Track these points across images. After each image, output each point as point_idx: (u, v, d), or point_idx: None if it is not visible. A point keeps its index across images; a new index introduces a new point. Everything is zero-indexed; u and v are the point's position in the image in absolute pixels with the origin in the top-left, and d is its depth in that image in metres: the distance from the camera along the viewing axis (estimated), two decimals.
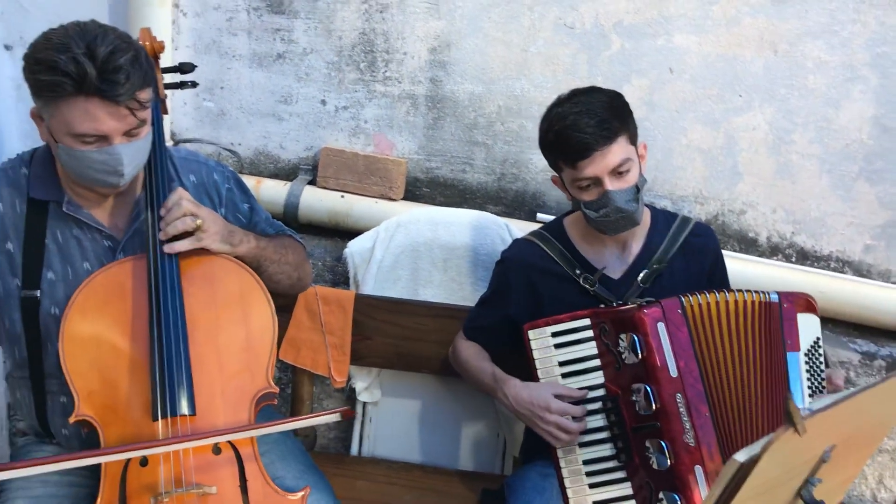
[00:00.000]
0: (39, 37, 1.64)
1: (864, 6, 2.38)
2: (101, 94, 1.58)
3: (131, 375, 1.68)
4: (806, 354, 1.90)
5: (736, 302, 1.87)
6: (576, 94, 1.95)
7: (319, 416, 1.70)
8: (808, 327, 1.92)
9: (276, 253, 1.94)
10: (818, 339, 1.93)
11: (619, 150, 1.88)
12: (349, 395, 2.71)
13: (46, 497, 1.76)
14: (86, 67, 1.56)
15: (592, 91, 1.95)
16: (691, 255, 2.06)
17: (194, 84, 2.00)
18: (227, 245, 1.80)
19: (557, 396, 1.88)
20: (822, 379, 1.91)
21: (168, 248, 1.74)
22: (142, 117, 1.66)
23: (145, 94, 1.66)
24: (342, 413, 1.67)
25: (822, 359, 1.92)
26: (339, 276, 2.67)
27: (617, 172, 1.89)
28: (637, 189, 1.92)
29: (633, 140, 1.94)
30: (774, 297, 1.90)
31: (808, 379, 1.89)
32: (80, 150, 1.65)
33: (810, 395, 1.85)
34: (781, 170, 2.53)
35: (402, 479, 2.43)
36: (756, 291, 1.89)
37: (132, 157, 1.69)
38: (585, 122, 1.86)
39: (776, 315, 1.89)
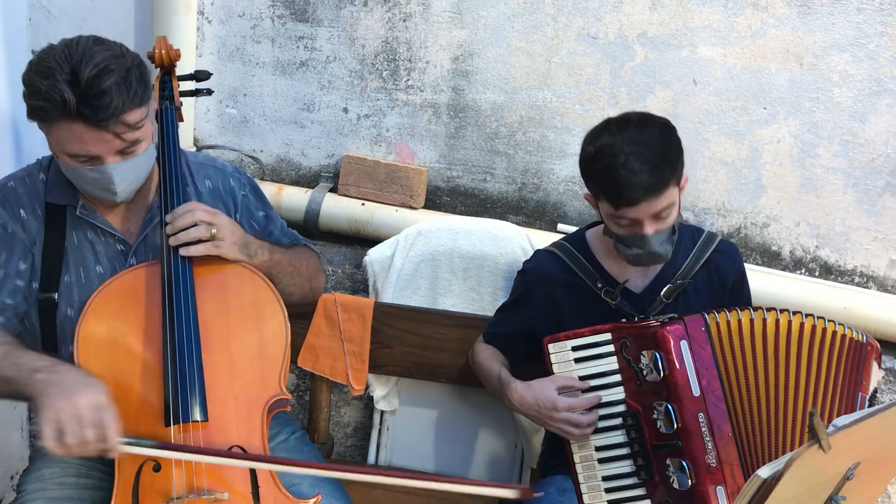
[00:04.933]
0: (34, 56, 1.66)
1: (891, 19, 2.35)
2: (84, 119, 1.59)
3: (144, 381, 1.69)
4: (868, 400, 1.90)
5: (777, 322, 1.83)
6: (629, 122, 1.84)
7: (493, 485, 1.70)
8: (874, 376, 1.93)
9: (291, 265, 1.95)
10: (876, 389, 1.94)
11: (665, 198, 1.81)
12: (367, 403, 2.71)
13: (62, 499, 1.76)
14: (65, 95, 1.57)
15: (646, 123, 1.84)
16: (715, 272, 2.03)
17: (209, 92, 2.01)
18: (244, 255, 1.81)
19: (561, 390, 1.87)
20: None
21: (184, 252, 1.74)
22: (130, 139, 1.66)
23: (135, 115, 1.64)
24: (521, 491, 1.60)
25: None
26: (359, 284, 2.67)
27: (658, 216, 1.83)
28: (673, 230, 1.89)
29: (679, 180, 1.86)
30: (863, 337, 1.90)
31: None
32: (75, 168, 1.68)
33: None
34: (806, 183, 2.50)
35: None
36: (834, 322, 1.87)
37: (125, 175, 1.70)
38: (637, 166, 1.76)
39: (860, 353, 1.88)
